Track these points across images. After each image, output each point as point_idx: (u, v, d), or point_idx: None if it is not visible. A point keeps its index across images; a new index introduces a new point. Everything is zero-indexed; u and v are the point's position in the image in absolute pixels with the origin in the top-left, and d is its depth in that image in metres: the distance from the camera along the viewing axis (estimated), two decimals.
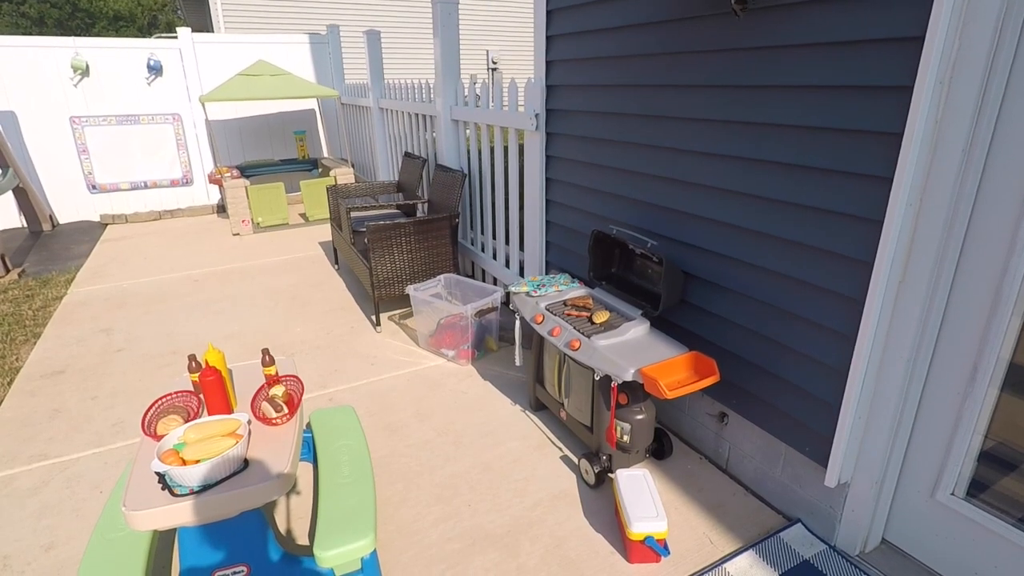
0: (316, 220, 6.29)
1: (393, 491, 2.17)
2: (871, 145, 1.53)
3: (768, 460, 2.08)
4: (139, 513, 1.37)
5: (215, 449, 1.46)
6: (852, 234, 1.62)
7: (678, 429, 2.50)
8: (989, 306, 1.50)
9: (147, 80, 6.50)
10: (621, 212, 2.52)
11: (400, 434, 2.52)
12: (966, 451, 1.63)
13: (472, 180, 3.95)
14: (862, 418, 1.73)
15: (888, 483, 1.80)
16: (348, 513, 1.68)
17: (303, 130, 7.22)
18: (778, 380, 1.95)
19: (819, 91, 1.64)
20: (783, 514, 2.04)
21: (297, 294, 4.22)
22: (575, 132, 2.73)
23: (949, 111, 1.40)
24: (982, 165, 1.43)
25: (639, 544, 1.80)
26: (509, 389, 2.86)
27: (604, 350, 2.05)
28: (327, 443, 2.02)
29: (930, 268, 1.52)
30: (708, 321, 2.19)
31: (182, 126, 6.75)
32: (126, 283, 4.56)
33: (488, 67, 11.46)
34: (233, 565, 1.55)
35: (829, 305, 1.73)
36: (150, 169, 6.75)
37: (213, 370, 1.68)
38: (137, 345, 3.46)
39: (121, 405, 2.82)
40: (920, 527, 1.79)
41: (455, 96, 3.84)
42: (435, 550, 1.90)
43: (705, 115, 2.03)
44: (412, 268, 3.56)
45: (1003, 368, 1.53)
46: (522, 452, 2.38)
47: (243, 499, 1.45)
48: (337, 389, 2.91)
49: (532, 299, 2.48)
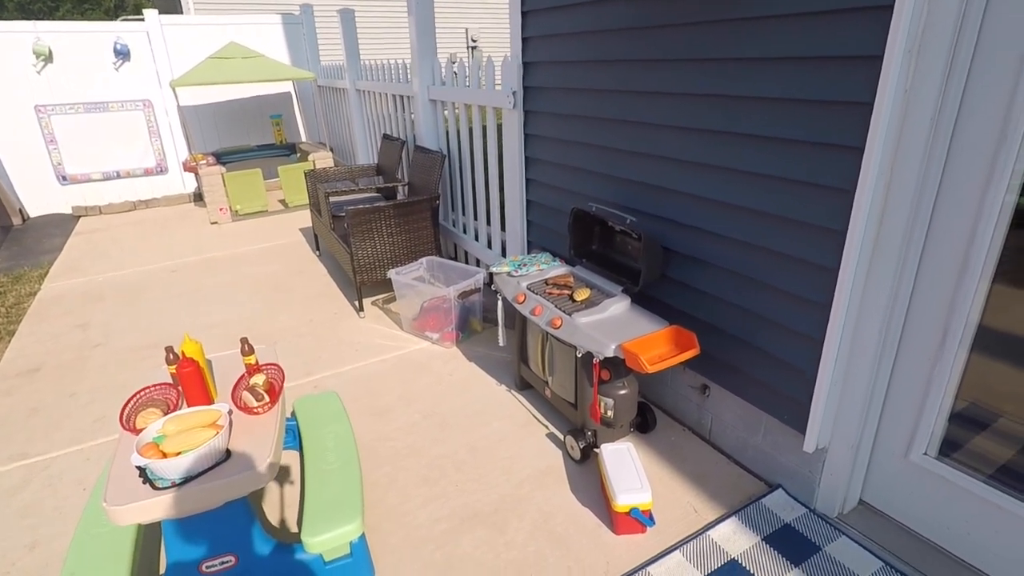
0: (296, 206, 6.21)
1: (380, 475, 2.19)
2: (843, 115, 1.54)
3: (749, 429, 2.11)
4: (120, 508, 1.36)
5: (195, 441, 1.45)
6: (826, 204, 1.64)
7: (661, 402, 2.53)
8: (958, 271, 1.52)
9: (114, 65, 6.31)
10: (601, 189, 2.52)
11: (386, 418, 2.53)
12: (937, 412, 1.67)
13: (452, 161, 3.91)
14: (838, 384, 1.77)
15: (864, 446, 1.84)
16: (335, 499, 1.69)
17: (279, 114, 7.08)
18: (757, 351, 1.98)
19: (792, 62, 1.64)
20: (764, 480, 2.09)
21: (278, 282, 4.18)
22: (553, 109, 2.70)
23: (918, 80, 1.40)
24: (950, 133, 1.44)
25: (625, 516, 1.83)
26: (494, 369, 2.88)
27: (585, 327, 2.06)
28: (312, 430, 2.02)
29: (901, 236, 1.54)
30: (688, 295, 2.21)
31: (153, 113, 6.58)
32: (102, 276, 4.48)
33: (468, 46, 11.28)
34: (220, 556, 1.56)
35: (805, 275, 1.75)
36: (122, 158, 6.59)
37: (190, 361, 1.67)
38: (115, 339, 3.42)
39: (101, 401, 2.79)
40: (895, 487, 1.84)
41: (432, 75, 3.78)
42: (424, 531, 1.92)
43: (682, 89, 2.01)
44: (394, 252, 3.54)
45: (971, 331, 1.56)
46: (508, 431, 2.40)
47: (226, 490, 1.44)
48: (322, 376, 2.91)
49: (514, 279, 2.47)
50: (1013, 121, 1.34)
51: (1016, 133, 1.34)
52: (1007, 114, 1.34)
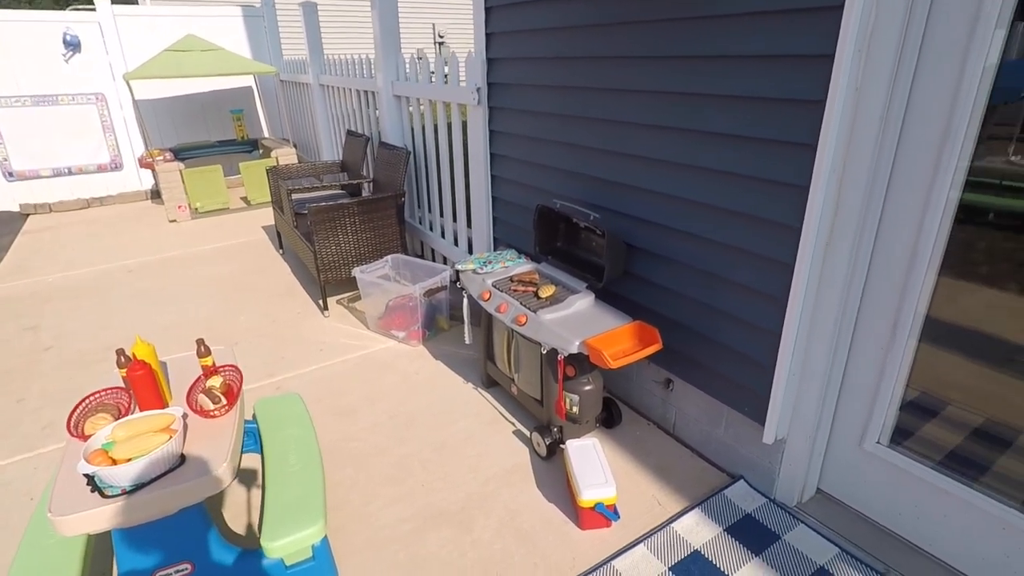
0: (258, 204, 6.07)
1: (344, 476, 2.15)
2: (797, 113, 1.57)
3: (711, 422, 2.15)
4: (66, 518, 1.31)
5: (147, 446, 1.40)
6: (782, 201, 1.67)
7: (627, 397, 2.55)
8: (907, 265, 1.57)
9: (64, 57, 6.05)
10: (565, 186, 2.52)
11: (351, 418, 2.49)
12: (889, 401, 1.72)
13: (417, 157, 3.87)
14: (795, 376, 1.81)
15: (821, 436, 1.89)
16: (296, 501, 1.65)
17: (241, 109, 6.90)
18: (718, 345, 2.01)
19: (748, 60, 1.66)
20: (727, 472, 2.13)
21: (240, 281, 4.08)
22: (518, 106, 2.69)
23: (868, 78, 1.44)
24: (899, 131, 1.48)
25: (590, 511, 1.84)
26: (461, 367, 2.86)
27: (550, 324, 2.06)
28: (273, 432, 1.98)
29: (854, 231, 1.58)
30: (651, 291, 2.23)
31: (107, 107, 6.34)
32: (52, 277, 4.31)
33: (435, 41, 11.18)
34: (175, 564, 1.51)
35: (762, 270, 1.79)
36: (74, 154, 6.33)
37: (142, 364, 1.61)
38: (67, 342, 3.29)
39: (51, 407, 2.68)
40: (850, 475, 1.89)
41: (396, 71, 3.73)
42: (389, 531, 1.90)
43: (643, 86, 2.03)
44: (358, 250, 3.49)
45: (920, 322, 1.61)
46: (475, 429, 2.39)
47: (180, 496, 1.40)
48: (284, 377, 2.85)
49: (479, 276, 2.46)
50: (956, 118, 1.38)
51: (959, 130, 1.38)
52: (951, 112, 1.39)
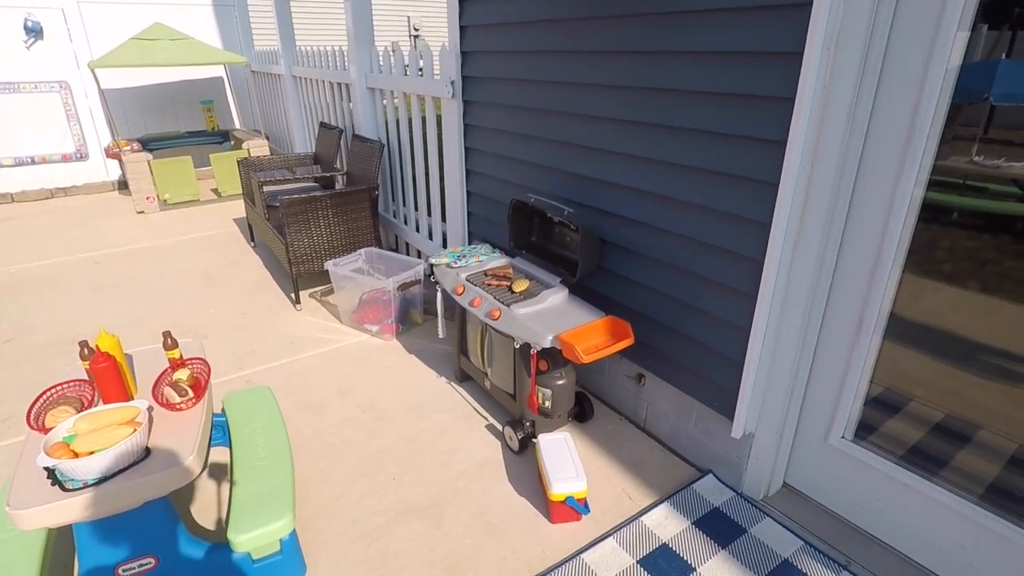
0: (229, 195, 5.95)
1: (315, 470, 2.13)
2: (768, 110, 1.60)
3: (682, 417, 2.18)
4: (25, 512, 1.27)
5: (109, 439, 1.37)
6: (752, 197, 1.70)
7: (599, 392, 2.57)
8: (872, 262, 1.61)
9: (26, 44, 5.85)
10: (540, 181, 2.53)
11: (322, 413, 2.47)
12: (854, 397, 1.76)
13: (391, 150, 3.84)
14: (764, 372, 1.84)
15: (788, 431, 1.93)
16: (263, 495, 1.63)
17: (211, 99, 6.76)
18: (688, 340, 2.03)
19: (719, 57, 1.69)
20: (696, 466, 2.16)
21: (210, 274, 4.00)
22: (492, 100, 2.69)
23: (835, 76, 1.47)
24: (865, 129, 1.52)
25: (560, 505, 1.85)
26: (434, 362, 2.85)
27: (523, 318, 2.07)
28: (241, 426, 1.95)
29: (821, 228, 1.62)
30: (624, 286, 2.25)
31: (71, 95, 6.15)
32: (14, 268, 4.17)
33: (410, 34, 11.08)
34: (139, 558, 1.48)
35: (732, 266, 1.81)
36: (37, 143, 6.13)
37: (105, 356, 1.57)
38: (28, 334, 3.19)
39: (10, 400, 2.60)
40: (815, 470, 1.93)
41: (370, 63, 3.69)
42: (359, 525, 1.88)
43: (617, 81, 2.04)
44: (332, 243, 3.45)
45: (884, 319, 1.65)
46: (448, 424, 2.39)
47: (143, 489, 1.37)
48: (255, 371, 2.80)
49: (453, 270, 2.45)
50: (920, 118, 1.42)
51: (923, 129, 1.42)
52: (915, 111, 1.43)
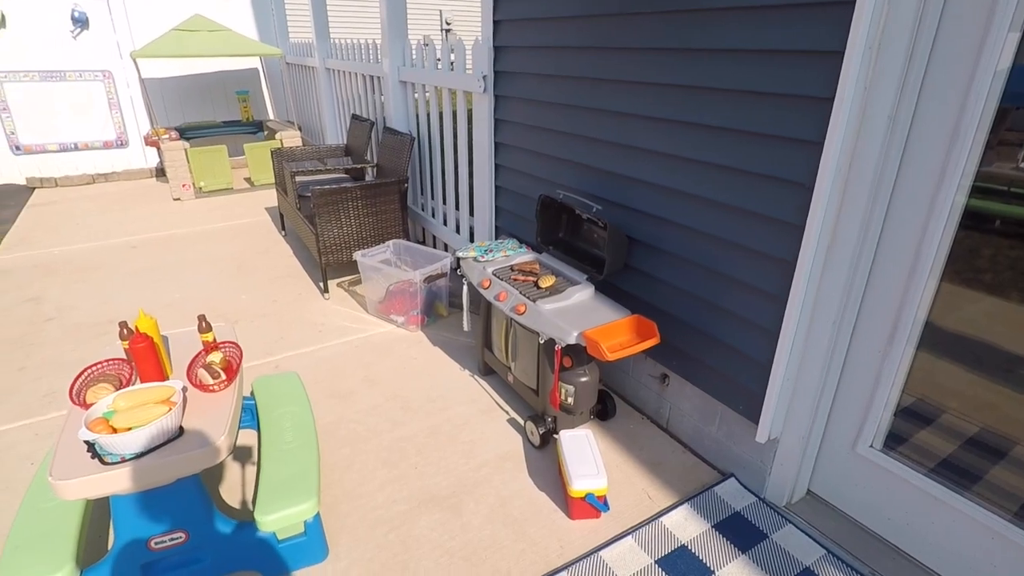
0: (262, 185, 6.07)
1: (340, 456, 2.17)
2: (804, 110, 1.57)
3: (705, 418, 2.16)
4: (66, 482, 1.32)
5: (146, 417, 1.42)
6: (785, 198, 1.67)
7: (622, 390, 2.56)
8: (909, 269, 1.57)
9: (72, 34, 6.04)
10: (569, 177, 2.52)
11: (348, 400, 2.51)
12: (884, 406, 1.73)
13: (421, 144, 3.87)
14: (791, 376, 1.82)
15: (814, 438, 1.90)
16: (290, 478, 1.67)
17: (246, 90, 6.89)
18: (715, 341, 2.02)
19: (757, 55, 1.66)
20: (718, 469, 2.14)
21: (242, 261, 4.09)
22: (523, 95, 2.69)
23: (877, 77, 1.44)
24: (907, 132, 1.48)
25: (580, 501, 1.86)
26: (458, 354, 2.87)
27: (549, 314, 2.07)
28: (270, 409, 2.00)
29: (857, 232, 1.59)
30: (650, 285, 2.23)
31: (114, 84, 6.33)
32: (56, 250, 4.32)
33: (442, 28, 11.10)
34: (170, 532, 1.53)
35: (763, 268, 1.79)
36: (80, 130, 6.33)
37: (144, 336, 1.62)
38: (69, 314, 3.30)
39: (52, 376, 2.70)
40: (842, 478, 1.90)
41: (402, 57, 3.72)
42: (381, 512, 1.91)
43: (651, 78, 2.03)
44: (360, 234, 3.49)
45: (919, 328, 1.62)
46: (470, 416, 2.41)
47: (177, 466, 1.42)
48: (283, 356, 2.86)
49: (480, 264, 2.47)
50: (965, 122, 1.38)
51: (968, 133, 1.38)
52: (960, 115, 1.39)
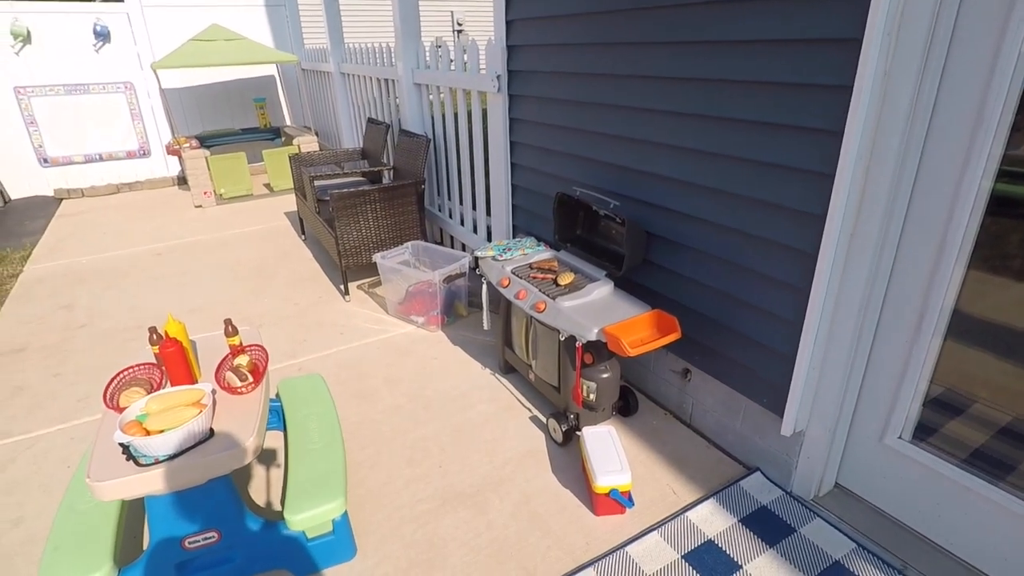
0: (281, 190, 6.16)
1: (364, 456, 2.20)
2: (823, 99, 1.55)
3: (729, 413, 2.15)
4: (103, 484, 1.36)
5: (178, 419, 1.45)
6: (805, 189, 1.65)
7: (644, 386, 2.56)
8: (934, 256, 1.55)
9: (95, 47, 6.18)
10: (585, 174, 2.52)
11: (370, 400, 2.54)
12: (912, 396, 1.70)
13: (437, 145, 3.90)
14: (816, 368, 1.80)
15: (840, 430, 1.88)
16: (318, 477, 1.70)
17: (263, 97, 6.99)
18: (737, 335, 2.00)
19: (773, 45, 1.65)
20: (743, 464, 2.13)
21: (263, 266, 4.15)
22: (538, 93, 2.70)
23: (897, 63, 1.42)
24: (929, 117, 1.46)
25: (605, 497, 1.86)
26: (479, 353, 2.89)
27: (569, 311, 2.07)
28: (295, 411, 2.03)
29: (880, 220, 1.56)
30: (670, 280, 2.23)
31: (135, 95, 6.47)
32: (85, 258, 4.43)
33: (454, 29, 11.14)
34: (203, 532, 1.57)
35: (784, 260, 1.77)
36: (104, 141, 6.48)
37: (173, 341, 1.66)
38: (100, 321, 3.39)
39: (85, 381, 2.77)
40: (870, 470, 1.88)
41: (416, 59, 3.75)
42: (406, 511, 1.94)
43: (666, 72, 2.02)
44: (379, 236, 3.53)
45: (947, 316, 1.59)
46: (492, 414, 2.42)
47: (209, 467, 1.45)
48: (306, 359, 2.90)
49: (498, 263, 2.48)
50: (990, 105, 1.35)
51: (992, 116, 1.35)
52: (984, 98, 1.36)
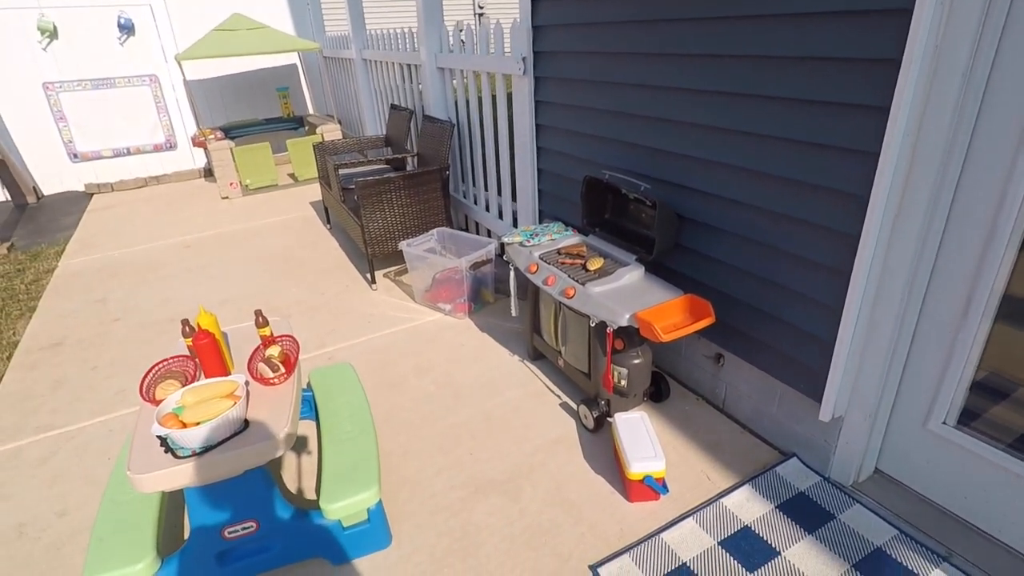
0: (305, 180, 6.19)
1: (396, 444, 2.21)
2: (868, 74, 1.48)
3: (764, 398, 2.10)
4: (143, 476, 1.39)
5: (214, 411, 1.47)
6: (847, 168, 1.59)
7: (675, 372, 2.52)
8: (986, 237, 1.48)
9: (119, 40, 6.25)
10: (615, 156, 2.47)
11: (400, 389, 2.55)
12: (958, 381, 1.64)
13: (461, 130, 3.86)
14: (856, 353, 1.74)
15: (881, 415, 1.83)
16: (352, 466, 1.71)
17: (286, 86, 7.01)
18: (773, 319, 1.95)
19: (815, 18, 1.57)
20: (779, 449, 2.09)
21: (290, 256, 4.19)
22: (564, 75, 2.64)
23: (949, 34, 1.34)
24: (982, 91, 1.38)
25: (638, 484, 1.84)
26: (507, 340, 2.88)
27: (599, 297, 2.04)
28: (327, 400, 2.05)
29: (927, 200, 1.50)
30: (703, 264, 2.18)
31: (160, 88, 6.54)
32: (117, 252, 4.52)
33: (475, 12, 11.01)
34: (242, 521, 1.59)
35: (823, 242, 1.71)
36: (131, 134, 6.58)
37: (206, 333, 1.68)
38: (133, 314, 3.46)
39: (122, 374, 2.84)
40: (912, 456, 1.82)
41: (439, 43, 3.70)
42: (439, 498, 1.94)
43: (699, 50, 1.95)
44: (404, 223, 3.52)
45: (996, 299, 1.52)
46: (521, 401, 2.41)
47: (245, 458, 1.46)
48: (336, 348, 2.92)
49: (526, 249, 2.45)
50: None
51: None
52: None
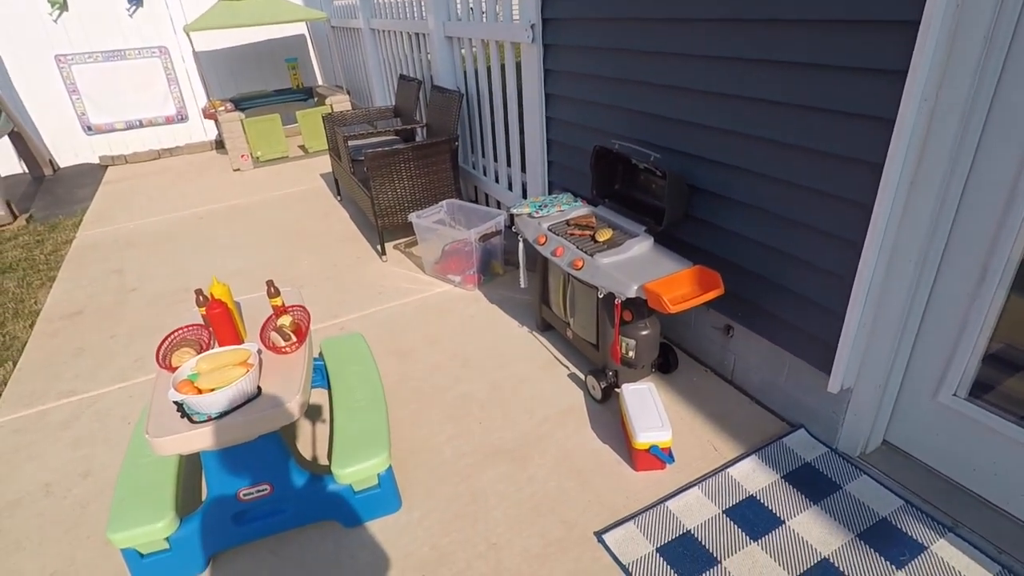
0: (316, 151, 6.18)
1: (406, 412, 2.25)
2: (886, 36, 1.43)
3: (772, 369, 2.10)
4: (161, 440, 1.43)
5: (228, 378, 1.50)
6: (862, 136, 1.55)
7: (684, 343, 2.52)
8: (1003, 206, 1.45)
9: (128, 12, 6.22)
10: (624, 125, 2.44)
11: (410, 359, 2.58)
12: (971, 353, 1.63)
13: (470, 100, 3.82)
14: (866, 324, 1.73)
15: (891, 386, 1.82)
16: (363, 433, 1.75)
17: (295, 57, 6.95)
18: (783, 290, 1.94)
19: None
20: (786, 421, 2.09)
21: (301, 227, 4.21)
22: (574, 42, 2.59)
23: None
24: (1005, 50, 1.33)
25: (645, 453, 1.86)
26: (516, 311, 2.89)
27: (607, 268, 2.04)
28: (339, 369, 2.08)
29: (943, 168, 1.46)
30: (713, 234, 2.16)
31: (170, 59, 6.51)
32: (132, 224, 4.57)
33: None
34: (256, 485, 1.64)
35: (836, 211, 1.69)
36: (143, 107, 6.59)
37: (219, 303, 1.70)
38: (149, 284, 3.51)
39: (139, 342, 2.90)
40: (921, 428, 1.82)
41: (447, 11, 3.64)
42: (449, 466, 1.98)
43: (710, 14, 1.90)
44: (414, 195, 3.52)
45: (1013, 268, 1.50)
46: (530, 371, 2.43)
47: (258, 424, 1.50)
48: (347, 319, 2.96)
49: (534, 220, 2.44)
50: None
51: None
52: None
